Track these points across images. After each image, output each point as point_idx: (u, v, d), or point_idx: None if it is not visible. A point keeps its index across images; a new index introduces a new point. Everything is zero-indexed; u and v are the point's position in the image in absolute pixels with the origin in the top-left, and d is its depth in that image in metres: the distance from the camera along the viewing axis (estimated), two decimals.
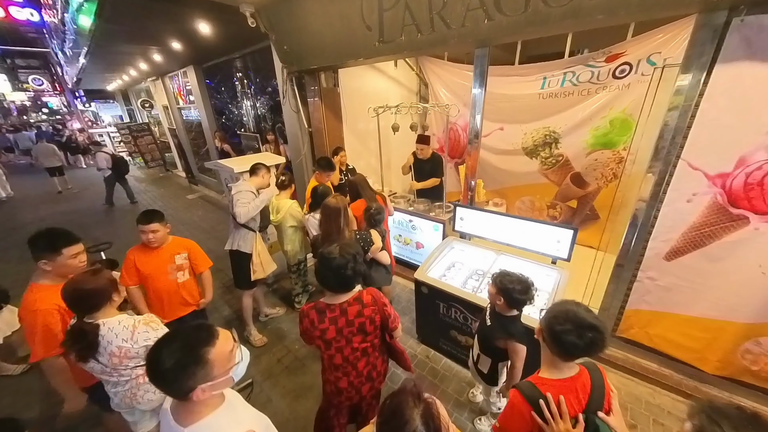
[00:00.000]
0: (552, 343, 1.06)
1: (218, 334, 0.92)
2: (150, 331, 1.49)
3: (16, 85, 23.01)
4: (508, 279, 1.56)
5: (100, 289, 1.41)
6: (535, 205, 4.38)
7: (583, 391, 1.06)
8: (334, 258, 1.35)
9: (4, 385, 2.69)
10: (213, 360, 0.87)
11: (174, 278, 2.19)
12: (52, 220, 6.74)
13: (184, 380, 0.84)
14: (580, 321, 1.01)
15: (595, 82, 3.37)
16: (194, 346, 0.87)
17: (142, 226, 2.07)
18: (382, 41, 2.54)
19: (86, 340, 1.36)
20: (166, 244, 2.19)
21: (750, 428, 0.74)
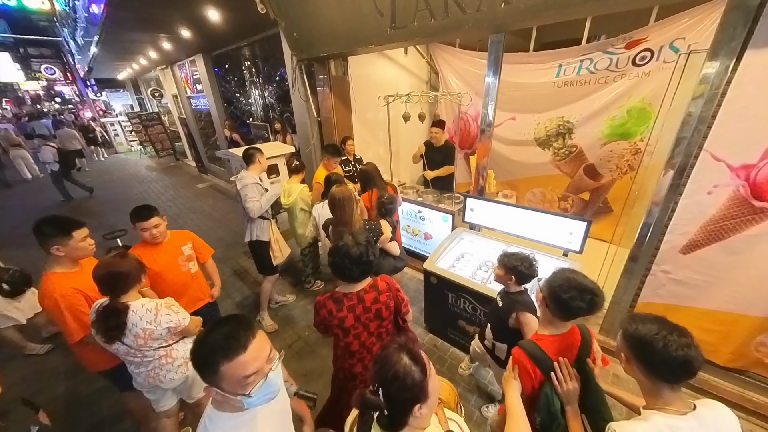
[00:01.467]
0: (557, 308, 1.19)
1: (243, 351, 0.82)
2: (171, 314, 1.54)
3: (29, 74, 23.36)
4: (514, 258, 1.67)
5: (130, 271, 1.47)
6: (546, 197, 4.32)
7: (575, 344, 1.25)
8: (352, 249, 1.37)
9: (30, 364, 2.83)
10: (222, 374, 0.81)
11: (187, 269, 2.16)
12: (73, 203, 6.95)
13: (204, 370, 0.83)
14: (582, 287, 1.15)
15: (614, 69, 3.25)
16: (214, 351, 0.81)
17: (142, 223, 1.92)
18: (394, 27, 2.49)
19: (117, 320, 1.41)
20: (169, 238, 2.10)
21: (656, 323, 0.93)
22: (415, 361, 0.83)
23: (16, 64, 21.86)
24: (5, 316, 2.65)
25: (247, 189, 2.57)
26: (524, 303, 1.67)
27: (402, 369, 0.80)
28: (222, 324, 0.86)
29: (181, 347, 1.67)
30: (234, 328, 0.84)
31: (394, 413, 0.81)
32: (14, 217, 6.44)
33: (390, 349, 0.86)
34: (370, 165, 2.92)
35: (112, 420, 2.26)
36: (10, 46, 21.40)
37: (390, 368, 0.80)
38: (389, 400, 0.80)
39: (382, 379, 0.80)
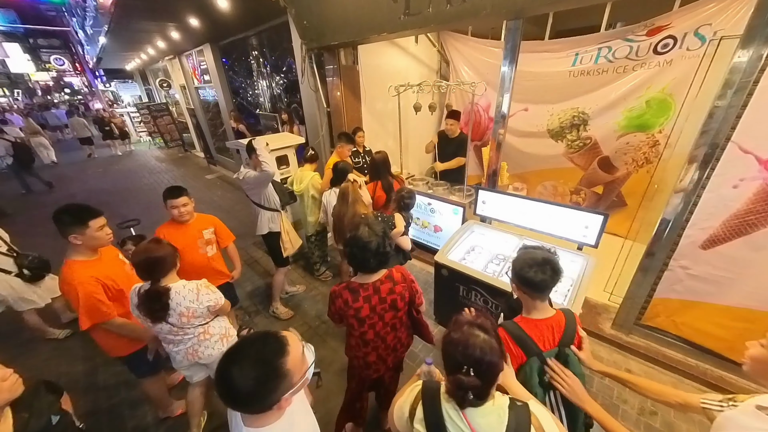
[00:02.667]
0: (524, 285, 1.23)
1: (288, 340, 0.85)
2: (211, 293, 1.64)
3: (39, 65, 23.58)
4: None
5: (167, 255, 1.55)
6: (558, 190, 4.24)
7: (558, 328, 1.25)
8: (370, 241, 1.37)
9: (50, 348, 2.92)
10: (291, 369, 0.81)
11: (204, 252, 2.27)
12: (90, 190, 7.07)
13: (268, 397, 0.80)
14: (539, 260, 1.20)
15: (633, 58, 3.14)
16: (270, 359, 0.80)
17: (172, 200, 2.11)
18: (407, 14, 2.42)
19: (161, 302, 1.50)
20: (193, 220, 2.26)
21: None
22: (489, 332, 0.88)
23: (26, 55, 22.08)
24: (25, 300, 2.73)
25: (248, 178, 2.55)
26: None
27: (487, 345, 0.84)
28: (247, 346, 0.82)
29: (216, 324, 1.77)
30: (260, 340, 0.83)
31: (486, 386, 0.86)
32: (40, 202, 6.69)
33: (463, 330, 0.87)
34: (381, 154, 2.91)
35: (131, 404, 2.33)
36: (20, 37, 21.56)
37: (475, 348, 0.83)
38: (482, 376, 0.84)
39: (472, 360, 0.83)
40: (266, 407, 0.82)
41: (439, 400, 0.94)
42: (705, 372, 2.18)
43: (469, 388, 0.84)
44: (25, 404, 1.00)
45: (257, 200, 2.71)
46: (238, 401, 0.80)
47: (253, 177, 2.55)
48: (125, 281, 1.82)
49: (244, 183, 2.64)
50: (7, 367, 0.97)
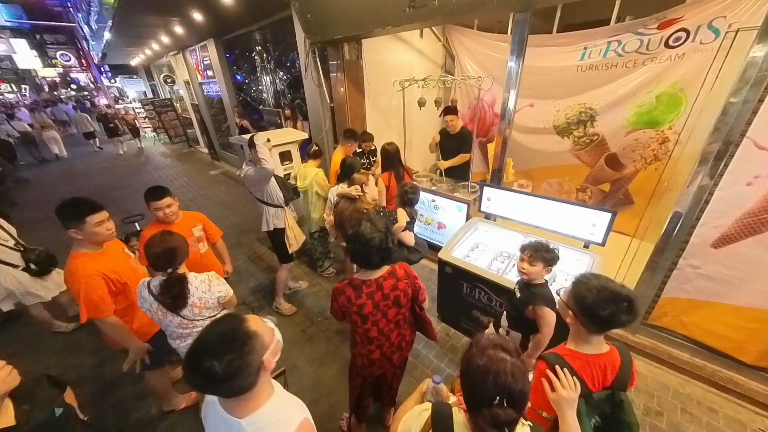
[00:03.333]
0: (587, 318, 1.05)
1: (239, 314, 0.90)
2: (221, 284, 1.65)
3: (45, 61, 23.74)
4: (543, 249, 1.63)
5: (180, 245, 1.56)
6: (564, 187, 4.19)
7: (611, 368, 1.08)
8: (374, 236, 1.35)
9: (58, 341, 2.95)
10: (257, 330, 0.85)
11: (197, 250, 2.26)
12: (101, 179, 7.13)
13: (251, 359, 0.81)
14: (617, 294, 1.01)
15: (644, 52, 3.06)
16: (234, 329, 0.83)
17: (155, 203, 2.01)
18: (413, 6, 2.38)
19: (182, 289, 1.52)
20: (180, 219, 2.19)
21: None
22: (514, 354, 0.79)
23: (33, 51, 22.21)
24: (32, 294, 2.76)
25: (251, 170, 2.56)
26: (543, 296, 1.62)
27: (518, 370, 0.76)
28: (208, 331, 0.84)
29: None
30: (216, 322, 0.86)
31: (519, 415, 0.78)
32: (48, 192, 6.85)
33: (488, 354, 0.78)
34: (392, 146, 2.91)
35: (135, 397, 2.36)
36: (26, 33, 21.70)
37: (507, 375, 0.74)
38: (517, 407, 0.76)
39: (506, 390, 0.74)
40: (255, 373, 0.82)
41: (452, 428, 0.86)
42: (713, 373, 2.14)
43: (507, 423, 0.74)
44: (26, 397, 1.00)
45: (260, 197, 2.71)
46: (224, 378, 0.77)
47: (252, 174, 2.53)
48: (130, 274, 1.83)
49: (245, 180, 2.63)
50: (8, 360, 0.97)
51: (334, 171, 3.16)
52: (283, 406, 0.92)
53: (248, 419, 0.84)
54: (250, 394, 0.85)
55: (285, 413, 0.91)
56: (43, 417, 1.02)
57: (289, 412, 0.92)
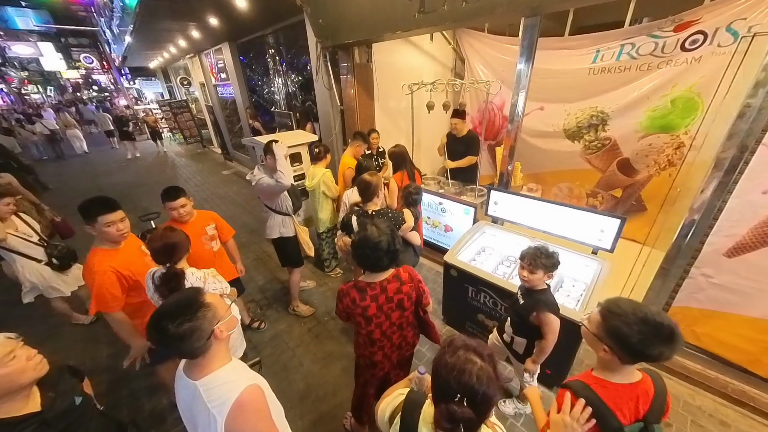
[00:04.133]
0: (623, 349, 0.94)
1: (200, 288, 1.06)
2: (217, 283, 1.69)
3: (70, 63, 24.75)
4: (544, 255, 1.60)
5: (181, 241, 1.64)
6: (574, 192, 4.13)
7: (644, 398, 0.99)
8: (380, 240, 1.37)
9: (76, 332, 3.09)
10: (211, 302, 0.99)
11: (210, 248, 2.33)
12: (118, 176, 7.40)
13: (202, 324, 0.93)
14: (659, 327, 0.90)
15: (659, 55, 3.01)
16: (189, 297, 0.98)
17: (170, 203, 2.11)
18: (422, 11, 2.40)
19: (177, 284, 1.56)
20: (194, 218, 2.27)
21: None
22: (485, 358, 0.80)
23: (59, 54, 23.19)
24: (53, 288, 2.90)
25: (263, 180, 2.48)
26: (546, 303, 1.62)
27: (485, 373, 0.77)
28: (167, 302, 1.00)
29: None
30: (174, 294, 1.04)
31: (478, 420, 0.78)
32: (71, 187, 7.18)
33: (458, 354, 0.80)
34: (401, 147, 2.94)
35: (149, 389, 2.44)
36: (52, 37, 22.68)
37: (471, 376, 0.76)
38: (476, 408, 0.76)
39: (467, 389, 0.76)
40: (206, 339, 0.94)
41: (418, 418, 0.89)
42: (726, 385, 2.08)
43: (461, 420, 0.75)
44: (51, 385, 1.07)
45: (269, 204, 2.69)
46: (177, 338, 0.90)
47: (266, 186, 2.48)
48: (144, 272, 1.89)
49: (258, 187, 2.56)
50: (32, 349, 1.03)
51: (342, 172, 3.20)
52: (235, 372, 1.02)
53: (202, 381, 0.96)
54: (204, 359, 0.97)
55: (235, 377, 1.00)
56: (65, 405, 1.08)
57: (239, 377, 1.00)
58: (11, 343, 0.98)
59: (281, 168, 2.40)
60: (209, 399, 0.93)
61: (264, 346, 2.78)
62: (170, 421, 2.21)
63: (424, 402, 0.94)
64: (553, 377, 2.19)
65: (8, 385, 0.94)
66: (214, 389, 0.95)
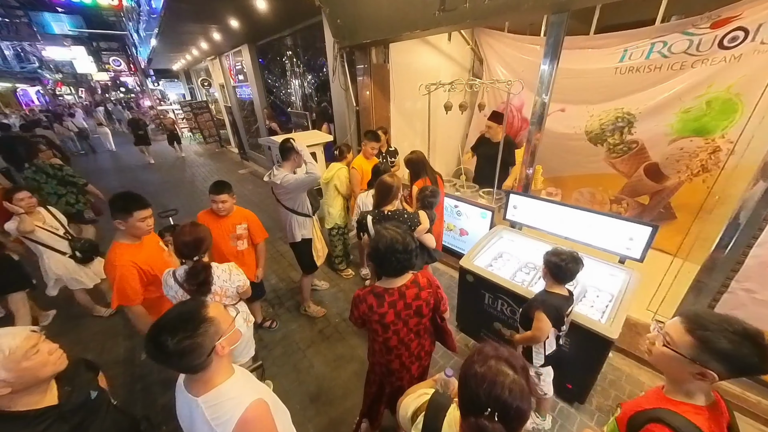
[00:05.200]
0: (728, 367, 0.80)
1: (204, 299, 1.01)
2: (240, 275, 1.72)
3: (100, 65, 26.01)
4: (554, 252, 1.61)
5: (206, 237, 1.68)
6: (596, 197, 3.95)
7: (724, 417, 0.89)
8: (399, 245, 1.31)
9: (96, 324, 3.18)
10: (214, 316, 0.94)
11: (234, 245, 2.36)
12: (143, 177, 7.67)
13: (203, 341, 0.89)
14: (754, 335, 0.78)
15: (693, 53, 2.84)
16: (191, 311, 0.93)
17: (213, 195, 2.24)
18: (443, 10, 2.35)
19: (206, 276, 1.62)
20: (231, 214, 2.35)
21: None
22: (518, 371, 0.75)
23: (90, 57, 24.40)
24: (76, 280, 3.00)
25: (287, 177, 2.41)
26: (544, 303, 1.59)
27: (518, 387, 0.71)
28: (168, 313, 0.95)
29: (241, 307, 1.85)
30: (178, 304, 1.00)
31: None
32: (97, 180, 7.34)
33: (489, 364, 0.75)
34: (419, 153, 2.82)
35: (162, 383, 2.48)
36: (85, 41, 23.88)
37: (504, 389, 0.71)
38: (508, 424, 0.71)
39: (499, 403, 0.71)
40: (206, 355, 0.89)
41: (443, 421, 0.85)
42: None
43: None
44: (68, 379, 1.07)
45: (291, 205, 2.56)
46: (176, 353, 0.86)
47: (294, 181, 2.38)
48: (162, 267, 1.91)
49: (279, 187, 2.43)
50: (54, 343, 1.04)
51: (355, 177, 3.10)
52: (238, 387, 0.98)
53: (204, 397, 0.92)
54: (205, 374, 0.93)
55: (239, 393, 0.96)
56: (81, 399, 1.08)
57: (243, 393, 0.96)
58: (35, 336, 0.99)
59: (309, 160, 2.41)
60: (212, 417, 0.90)
61: (275, 346, 2.77)
62: None
63: (449, 406, 0.90)
64: (574, 392, 2.08)
65: (30, 378, 0.95)
66: (216, 406, 0.92)
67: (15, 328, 0.97)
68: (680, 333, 0.85)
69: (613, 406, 2.12)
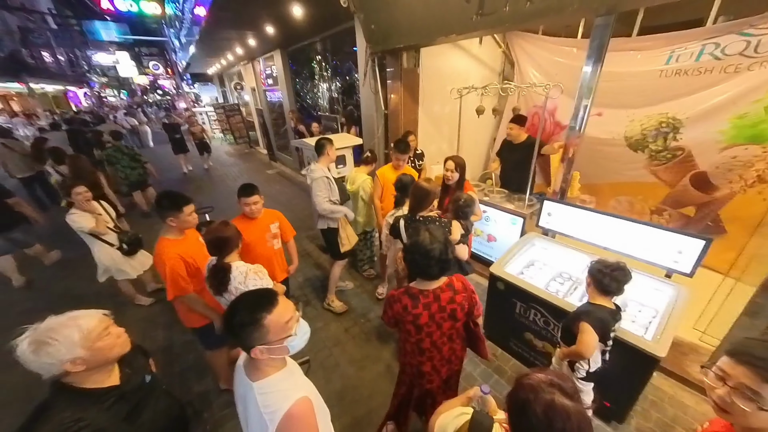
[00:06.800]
0: None
1: (278, 303, 1.00)
2: (257, 279, 1.73)
3: (141, 69, 27.87)
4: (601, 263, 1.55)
5: (231, 236, 1.72)
6: (635, 207, 3.75)
7: None
8: (433, 247, 1.32)
9: (138, 313, 3.38)
10: (268, 325, 0.96)
11: (272, 245, 2.43)
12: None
13: (244, 337, 0.96)
14: None
15: (750, 55, 2.64)
16: (254, 309, 0.98)
17: (245, 198, 2.25)
18: (481, 14, 2.33)
19: (224, 276, 1.67)
20: (261, 215, 2.40)
21: None
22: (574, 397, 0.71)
23: (132, 62, 26.19)
24: (122, 271, 3.21)
25: (315, 183, 2.69)
26: (589, 315, 1.51)
27: (585, 423, 0.68)
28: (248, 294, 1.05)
29: None
30: (258, 293, 1.04)
31: None
32: None
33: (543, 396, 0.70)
34: (460, 159, 2.69)
35: (197, 370, 2.61)
36: (128, 47, 25.69)
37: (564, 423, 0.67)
38: None
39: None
40: (245, 347, 0.98)
41: None
42: None
43: None
44: (127, 362, 1.16)
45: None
46: (228, 328, 0.98)
47: (314, 188, 2.71)
48: (202, 260, 2.02)
49: (307, 181, 2.76)
50: (120, 327, 1.13)
51: (377, 186, 3.03)
52: (288, 380, 1.04)
53: (257, 384, 0.99)
54: (258, 363, 1.00)
55: (288, 386, 1.02)
56: (138, 381, 1.16)
57: (292, 387, 1.02)
58: (107, 320, 1.08)
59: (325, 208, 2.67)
60: (263, 404, 0.95)
61: None
62: (216, 405, 2.33)
63: (492, 426, 0.87)
64: (613, 411, 1.98)
65: (101, 357, 1.03)
66: (267, 395, 0.98)
67: (90, 311, 1.06)
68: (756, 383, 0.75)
69: (654, 429, 1.99)
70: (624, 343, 1.70)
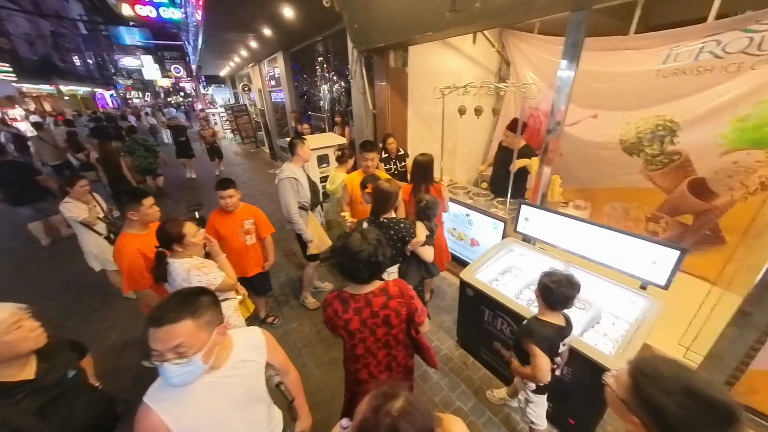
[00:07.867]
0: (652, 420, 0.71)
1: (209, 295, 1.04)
2: (201, 275, 1.71)
3: (164, 72, 29.02)
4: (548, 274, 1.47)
5: (172, 231, 1.70)
6: (630, 214, 3.55)
7: None
8: (362, 249, 1.26)
9: (125, 305, 3.43)
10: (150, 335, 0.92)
11: (243, 240, 2.47)
12: None
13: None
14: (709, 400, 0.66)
15: (754, 53, 2.45)
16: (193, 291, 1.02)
17: (221, 191, 2.32)
18: (453, 11, 2.27)
19: (160, 266, 1.71)
20: (238, 210, 2.45)
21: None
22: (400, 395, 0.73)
23: (156, 65, 27.31)
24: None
25: (281, 184, 2.68)
26: (533, 334, 1.43)
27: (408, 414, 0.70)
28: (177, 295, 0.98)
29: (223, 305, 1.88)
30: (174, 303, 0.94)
31: None
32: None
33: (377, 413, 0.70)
34: (428, 156, 2.62)
35: None
36: (151, 51, 26.81)
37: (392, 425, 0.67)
38: None
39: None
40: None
41: None
42: None
43: None
44: (47, 356, 1.16)
45: None
46: None
47: (281, 189, 2.74)
48: None
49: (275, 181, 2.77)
50: (36, 322, 1.13)
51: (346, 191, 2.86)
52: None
53: None
54: None
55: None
56: (57, 376, 1.17)
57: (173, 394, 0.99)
58: (20, 313, 1.09)
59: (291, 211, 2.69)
60: None
61: None
62: None
63: None
64: (577, 428, 1.85)
65: (9, 351, 1.04)
66: None
67: (2, 304, 1.07)
68: (624, 375, 0.78)
69: None
70: (584, 356, 1.59)
